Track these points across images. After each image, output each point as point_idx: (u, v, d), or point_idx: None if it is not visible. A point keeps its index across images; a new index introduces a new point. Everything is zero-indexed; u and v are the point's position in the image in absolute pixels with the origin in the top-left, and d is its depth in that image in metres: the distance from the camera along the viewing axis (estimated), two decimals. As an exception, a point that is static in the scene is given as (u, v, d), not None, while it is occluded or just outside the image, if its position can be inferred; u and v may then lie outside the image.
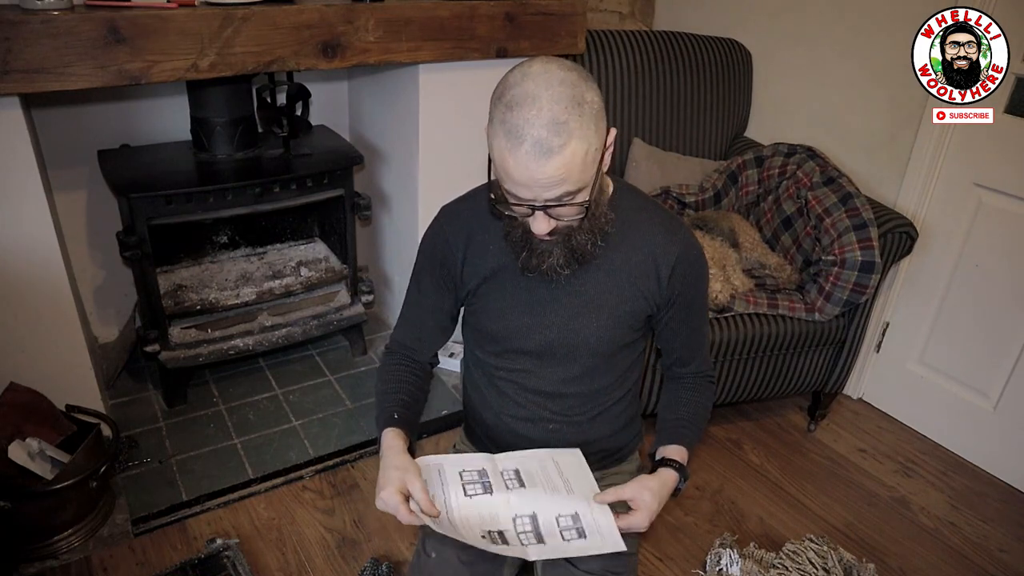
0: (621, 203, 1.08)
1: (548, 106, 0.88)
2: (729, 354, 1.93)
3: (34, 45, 1.40)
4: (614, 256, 1.08)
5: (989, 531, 1.91)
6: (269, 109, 2.07)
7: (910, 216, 2.06)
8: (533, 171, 0.90)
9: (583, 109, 0.90)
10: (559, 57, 0.96)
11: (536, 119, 0.88)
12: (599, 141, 0.94)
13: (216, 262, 2.22)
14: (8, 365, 1.67)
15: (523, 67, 0.94)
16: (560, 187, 0.93)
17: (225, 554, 1.56)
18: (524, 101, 0.90)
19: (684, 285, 1.11)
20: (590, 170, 0.94)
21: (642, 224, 1.08)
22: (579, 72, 0.93)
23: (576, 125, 0.89)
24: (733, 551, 1.70)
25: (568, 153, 0.89)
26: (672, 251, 1.08)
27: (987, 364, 2.06)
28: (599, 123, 0.93)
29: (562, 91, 0.89)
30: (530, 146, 0.88)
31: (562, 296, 1.10)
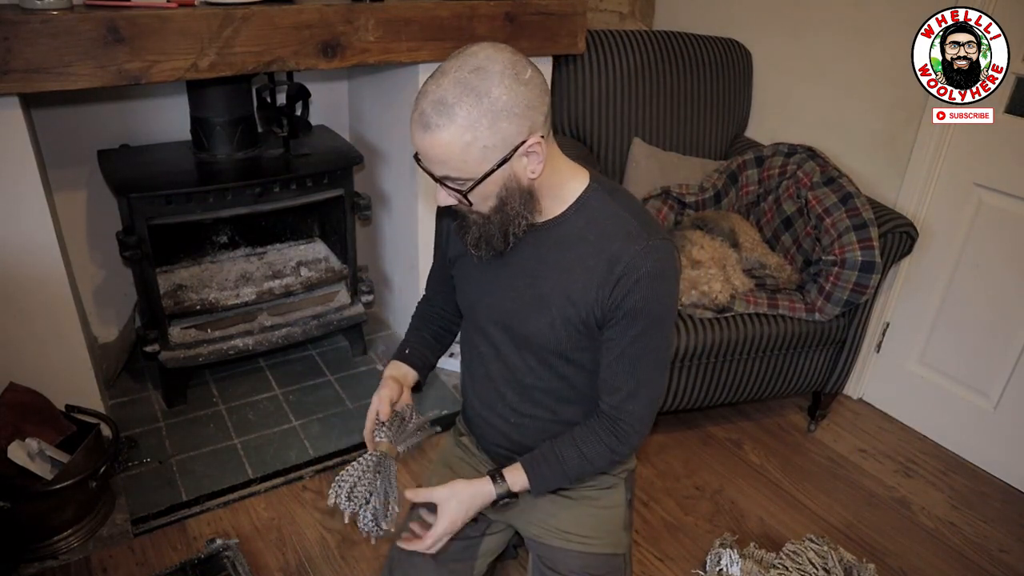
0: (589, 204, 1.06)
1: (447, 85, 0.90)
2: (729, 354, 1.93)
3: (34, 45, 1.40)
4: (571, 256, 1.06)
5: (989, 531, 1.91)
6: (269, 109, 2.07)
7: (910, 216, 2.06)
8: (416, 139, 0.94)
9: (480, 101, 0.89)
10: (521, 56, 0.95)
11: (432, 92, 0.91)
12: (496, 140, 0.92)
13: (216, 262, 2.22)
14: (8, 365, 1.67)
15: (477, 44, 0.95)
16: (441, 167, 0.95)
17: (225, 554, 1.55)
18: (438, 71, 0.93)
19: (626, 298, 1.01)
20: (476, 165, 0.94)
21: (606, 229, 1.04)
22: (512, 71, 0.92)
23: (463, 113, 0.89)
24: (733, 551, 1.70)
25: (445, 136, 0.91)
26: (623, 259, 1.01)
27: (987, 364, 2.06)
28: (500, 122, 0.91)
29: (469, 77, 0.90)
30: (417, 114, 0.92)
31: (519, 285, 1.11)
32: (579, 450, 1.13)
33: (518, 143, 0.94)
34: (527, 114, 0.93)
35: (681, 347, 1.85)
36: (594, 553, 1.24)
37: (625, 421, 1.11)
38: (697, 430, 2.21)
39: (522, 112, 0.92)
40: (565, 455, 1.13)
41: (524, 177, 0.99)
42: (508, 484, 1.14)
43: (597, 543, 1.25)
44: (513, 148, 0.94)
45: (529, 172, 0.98)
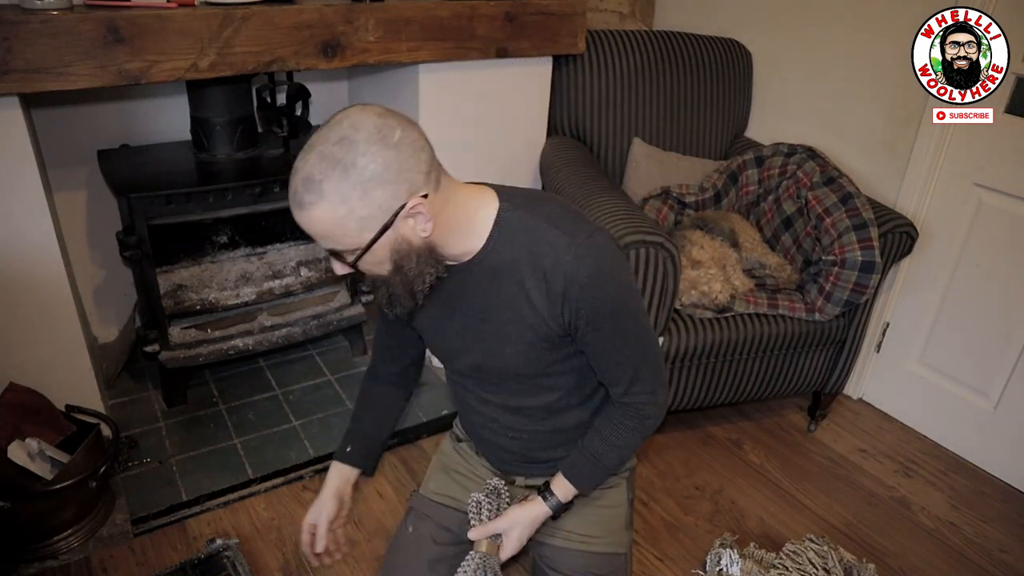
0: (508, 227, 1.02)
1: (313, 160, 0.87)
2: (729, 354, 1.93)
3: (34, 45, 1.40)
4: (509, 283, 1.04)
5: (989, 531, 1.91)
6: (269, 109, 2.07)
7: (910, 216, 2.06)
8: (294, 216, 0.91)
9: (347, 174, 0.86)
10: (389, 110, 0.92)
11: (300, 169, 0.89)
12: (371, 210, 0.89)
13: (216, 262, 2.22)
14: (8, 365, 1.67)
15: (344, 111, 0.91)
16: (324, 241, 0.93)
17: (225, 554, 1.55)
18: (307, 145, 0.90)
19: (579, 309, 1.01)
20: (356, 236, 0.91)
21: (532, 246, 1.01)
22: (378, 135, 0.88)
23: (331, 188, 0.87)
24: (733, 551, 1.70)
25: (317, 213, 0.88)
26: (558, 273, 0.99)
27: (987, 364, 2.06)
28: (372, 192, 0.88)
29: (334, 150, 0.87)
30: (291, 193, 0.90)
31: (474, 325, 1.10)
32: (610, 443, 1.15)
33: (397, 208, 0.90)
34: (401, 178, 0.89)
35: (681, 347, 1.85)
36: (596, 552, 1.25)
37: (640, 403, 1.13)
38: (697, 430, 2.21)
39: (394, 177, 0.89)
40: (599, 452, 1.16)
41: (415, 238, 0.95)
42: (559, 497, 1.19)
43: (599, 542, 1.25)
44: (393, 214, 0.90)
45: (419, 232, 0.94)
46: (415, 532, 1.29)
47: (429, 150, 0.94)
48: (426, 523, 1.30)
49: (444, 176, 0.98)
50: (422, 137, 0.94)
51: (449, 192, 0.98)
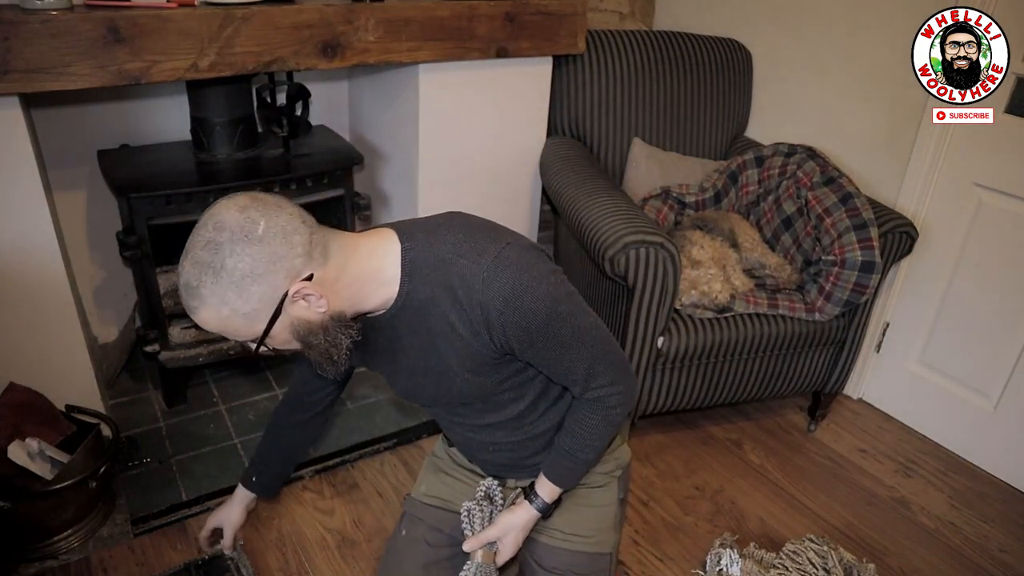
0: (416, 266, 1.00)
1: (188, 267, 0.88)
2: (729, 354, 1.93)
3: (34, 45, 1.40)
4: (433, 321, 1.02)
5: (989, 531, 1.91)
6: (269, 109, 2.07)
7: (910, 216, 2.06)
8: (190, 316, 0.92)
9: (219, 277, 0.86)
10: (254, 197, 0.90)
11: (180, 274, 0.90)
12: (253, 304, 0.89)
13: (216, 262, 2.22)
14: (8, 365, 1.67)
15: (209, 210, 0.91)
16: (224, 334, 0.94)
17: (229, 556, 1.55)
18: (184, 251, 0.90)
19: (506, 331, 0.99)
20: (248, 328, 0.92)
21: (443, 279, 0.99)
22: (241, 233, 0.87)
23: (208, 292, 0.88)
24: (733, 551, 1.70)
25: (204, 315, 0.90)
26: (474, 303, 0.98)
27: (987, 364, 2.06)
28: (248, 288, 0.88)
29: (202, 255, 0.87)
30: (181, 298, 0.92)
31: (418, 365, 1.10)
32: (581, 438, 1.14)
33: (280, 297, 0.90)
34: (275, 268, 0.88)
35: (681, 347, 1.85)
36: (579, 551, 1.25)
37: (603, 396, 1.10)
38: (697, 430, 2.21)
39: (266, 269, 0.88)
40: (572, 448, 1.16)
41: (312, 316, 0.94)
42: (544, 498, 1.20)
43: (582, 542, 1.25)
44: (277, 303, 0.90)
45: (316, 310, 0.94)
46: (408, 535, 1.30)
47: (304, 229, 0.91)
48: (419, 526, 1.30)
49: (333, 241, 0.96)
50: (293, 217, 0.91)
51: (343, 255, 0.96)
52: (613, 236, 1.71)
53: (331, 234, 0.96)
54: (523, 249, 1.00)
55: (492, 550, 1.21)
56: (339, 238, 0.97)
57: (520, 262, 0.98)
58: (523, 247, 1.01)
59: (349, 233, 1.00)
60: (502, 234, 1.03)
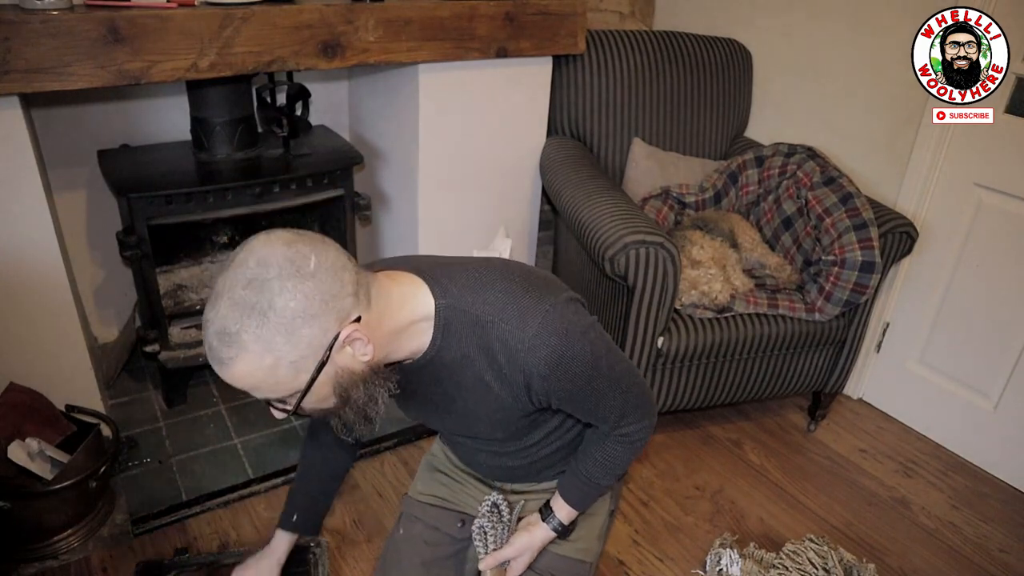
0: (451, 325, 0.95)
1: (224, 311, 0.78)
2: (729, 354, 1.93)
3: (34, 45, 1.40)
4: (468, 377, 0.99)
5: (989, 531, 1.91)
6: (269, 109, 2.07)
7: (910, 216, 2.06)
8: (217, 372, 0.82)
9: (266, 319, 0.77)
10: (297, 234, 0.83)
11: (212, 323, 0.79)
12: (302, 351, 0.80)
13: (216, 262, 2.22)
14: (8, 365, 1.67)
15: (247, 246, 0.81)
16: (257, 392, 0.84)
17: (313, 549, 1.59)
18: (212, 295, 0.80)
19: (549, 394, 0.97)
20: (291, 381, 0.82)
21: (482, 342, 0.95)
22: (291, 268, 0.78)
23: (251, 338, 0.77)
24: (733, 551, 1.70)
25: (242, 367, 0.79)
26: (517, 370, 0.94)
27: (987, 364, 2.06)
28: (298, 331, 0.79)
29: (245, 295, 0.77)
30: (207, 349, 0.81)
31: (445, 407, 1.09)
32: (603, 465, 1.15)
33: (331, 341, 0.82)
34: (328, 308, 0.80)
35: (681, 347, 1.85)
36: (562, 555, 1.25)
37: (630, 431, 1.12)
38: (697, 430, 2.21)
39: (319, 310, 0.79)
40: (593, 474, 1.16)
41: (356, 365, 0.87)
42: (560, 519, 1.20)
43: (566, 546, 1.26)
44: (327, 348, 0.82)
45: (360, 357, 0.86)
46: (406, 534, 1.30)
47: (351, 267, 0.85)
48: (416, 525, 1.30)
49: (373, 284, 0.89)
50: (340, 254, 0.84)
51: (382, 302, 0.89)
52: (613, 236, 1.71)
53: (369, 276, 0.89)
54: (565, 308, 0.96)
55: (503, 566, 1.22)
56: (375, 281, 0.90)
57: (564, 326, 0.94)
58: (565, 305, 0.96)
59: (379, 276, 0.93)
60: (542, 290, 0.96)
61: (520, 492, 1.29)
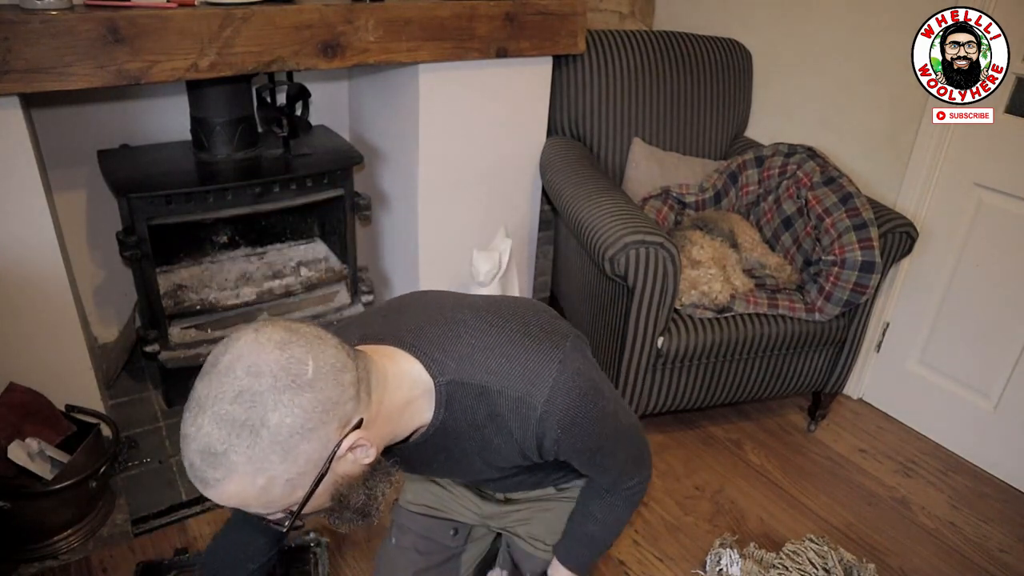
0: (454, 407, 0.87)
1: (209, 428, 0.68)
2: (729, 354, 1.93)
3: (34, 45, 1.40)
4: (473, 444, 0.92)
5: (989, 531, 1.91)
6: (269, 109, 2.07)
7: (910, 216, 2.05)
8: (201, 491, 0.72)
9: (258, 438, 0.68)
10: (289, 329, 0.73)
11: (193, 440, 0.69)
12: (300, 467, 0.71)
13: (216, 262, 2.22)
14: (8, 365, 1.67)
15: (232, 348, 0.71)
16: (248, 509, 0.74)
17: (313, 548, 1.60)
18: (192, 404, 0.70)
19: (558, 452, 0.92)
20: (287, 497, 0.73)
21: (494, 414, 0.88)
22: (287, 378, 0.69)
23: (241, 459, 0.68)
24: (733, 551, 1.70)
25: (231, 488, 0.70)
26: (528, 440, 0.89)
27: (987, 364, 2.06)
28: (296, 448, 0.69)
29: (233, 410, 0.67)
30: (188, 466, 0.71)
31: (449, 469, 1.06)
32: (608, 527, 1.14)
33: (331, 453, 0.72)
34: (329, 418, 0.71)
35: (681, 347, 1.85)
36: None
37: (629, 487, 1.09)
38: (697, 430, 2.21)
39: (319, 423, 0.70)
40: (597, 535, 1.15)
41: (356, 468, 0.78)
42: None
43: None
44: (327, 460, 0.73)
45: (363, 460, 0.77)
46: (398, 544, 1.29)
47: (351, 364, 0.75)
48: (408, 535, 1.29)
49: (372, 371, 0.79)
50: (339, 351, 0.74)
51: (380, 389, 0.79)
52: (613, 236, 1.71)
53: (368, 362, 0.80)
54: (573, 361, 0.88)
55: None
56: (373, 365, 0.80)
57: (576, 385, 0.87)
58: (572, 356, 0.89)
59: (372, 356, 0.82)
60: (545, 341, 0.88)
61: (514, 500, 1.28)
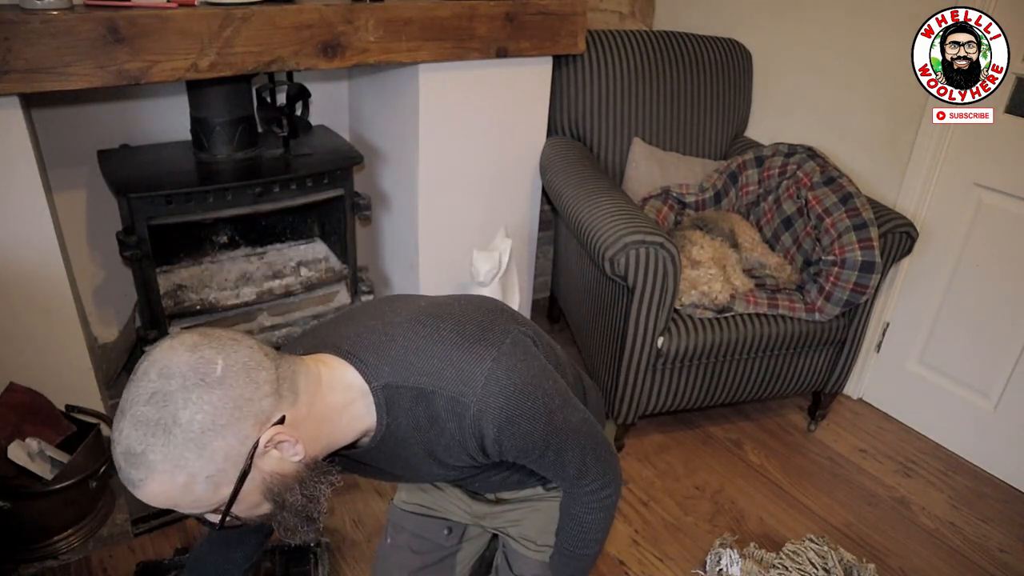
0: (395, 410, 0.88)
1: (128, 430, 0.71)
2: (729, 354, 1.93)
3: (34, 45, 1.40)
4: (418, 447, 0.93)
5: (989, 531, 1.91)
6: (269, 109, 2.07)
7: (910, 216, 2.05)
8: (134, 494, 0.74)
9: (171, 435, 0.70)
10: (204, 334, 0.76)
11: (117, 443, 0.72)
12: (218, 463, 0.73)
13: (216, 262, 2.22)
14: (8, 365, 1.67)
15: (149, 356, 0.75)
16: (180, 509, 0.76)
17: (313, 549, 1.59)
18: (118, 411, 0.74)
19: (502, 452, 0.91)
20: (211, 495, 0.74)
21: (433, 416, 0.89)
22: (195, 377, 0.72)
23: (158, 457, 0.70)
24: (733, 551, 1.70)
25: (153, 487, 0.72)
26: (469, 440, 0.89)
27: (987, 364, 2.06)
28: (210, 444, 0.72)
29: (146, 411, 0.71)
30: (119, 471, 0.74)
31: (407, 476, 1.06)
32: (585, 536, 1.10)
33: (250, 449, 0.74)
34: (243, 415, 0.73)
35: (681, 347, 1.85)
36: (547, 563, 1.24)
37: (596, 490, 1.05)
38: (697, 430, 2.21)
39: (231, 418, 0.72)
40: (577, 546, 1.12)
41: (286, 466, 0.79)
42: None
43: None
44: (248, 457, 0.74)
45: (291, 458, 0.79)
46: (393, 543, 1.29)
47: (268, 363, 0.77)
48: (403, 534, 1.29)
49: (300, 372, 0.81)
50: (254, 351, 0.77)
51: (311, 390, 0.81)
52: (613, 236, 1.72)
53: (295, 364, 0.82)
54: (510, 358, 0.88)
55: None
56: (302, 367, 0.82)
57: (510, 382, 0.87)
58: (510, 353, 0.88)
59: (307, 360, 0.85)
60: (479, 341, 0.88)
61: (505, 500, 1.27)
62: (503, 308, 1.00)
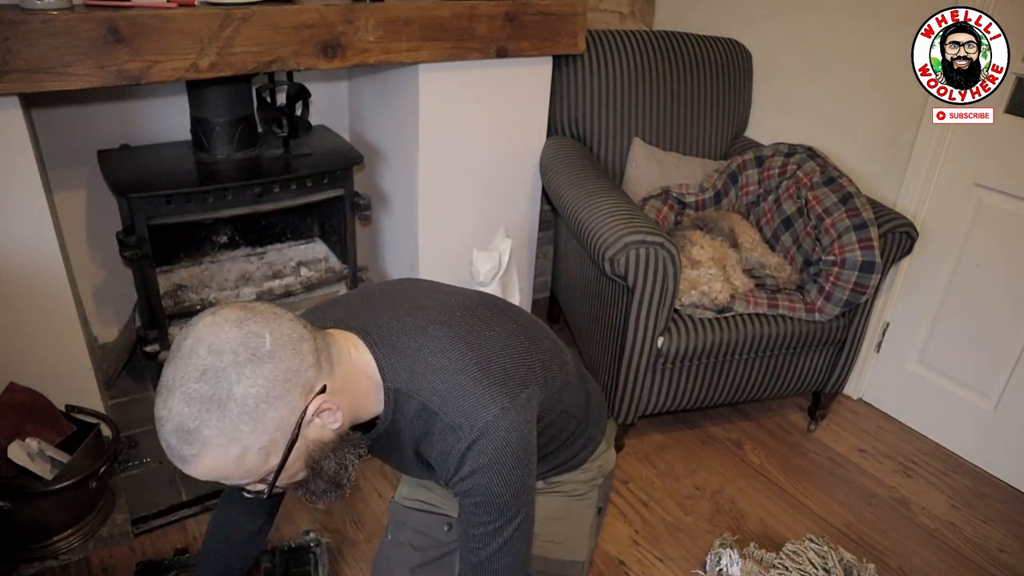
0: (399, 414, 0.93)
1: (178, 407, 0.73)
2: (729, 354, 1.93)
3: (34, 45, 1.40)
4: (411, 454, 0.98)
5: (989, 531, 1.91)
6: (269, 109, 2.07)
7: (910, 216, 2.06)
8: (181, 469, 0.78)
9: (225, 410, 0.73)
10: (245, 308, 0.79)
11: (167, 421, 0.74)
12: (270, 434, 0.76)
13: (216, 262, 2.22)
14: (8, 365, 1.67)
15: (193, 332, 0.77)
16: (228, 481, 0.80)
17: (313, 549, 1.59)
18: (162, 389, 0.75)
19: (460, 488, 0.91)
20: (261, 465, 0.79)
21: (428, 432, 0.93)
22: (247, 352, 0.75)
23: (213, 432, 0.73)
24: (733, 551, 1.70)
25: (208, 462, 0.75)
26: (446, 470, 0.91)
27: (987, 364, 2.06)
28: (264, 416, 0.75)
29: (199, 388, 0.73)
30: (165, 447, 0.76)
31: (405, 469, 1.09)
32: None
33: (299, 418, 0.79)
34: (292, 386, 0.77)
35: (681, 347, 1.85)
36: (548, 558, 1.23)
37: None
38: (697, 430, 2.21)
39: (282, 390, 0.76)
40: None
41: (326, 435, 0.85)
42: None
43: (556, 549, 1.24)
44: (296, 427, 0.79)
45: (331, 425, 0.84)
46: (394, 540, 1.29)
47: (308, 335, 0.81)
48: (403, 530, 1.29)
49: (332, 345, 0.85)
50: (295, 323, 0.81)
51: (344, 363, 0.86)
52: (613, 236, 1.72)
53: (327, 337, 0.86)
54: (520, 413, 0.91)
55: None
56: (333, 340, 0.87)
57: (509, 435, 0.89)
58: (521, 409, 0.91)
59: (336, 335, 0.90)
60: (497, 386, 0.91)
61: None
62: (536, 347, 1.00)
